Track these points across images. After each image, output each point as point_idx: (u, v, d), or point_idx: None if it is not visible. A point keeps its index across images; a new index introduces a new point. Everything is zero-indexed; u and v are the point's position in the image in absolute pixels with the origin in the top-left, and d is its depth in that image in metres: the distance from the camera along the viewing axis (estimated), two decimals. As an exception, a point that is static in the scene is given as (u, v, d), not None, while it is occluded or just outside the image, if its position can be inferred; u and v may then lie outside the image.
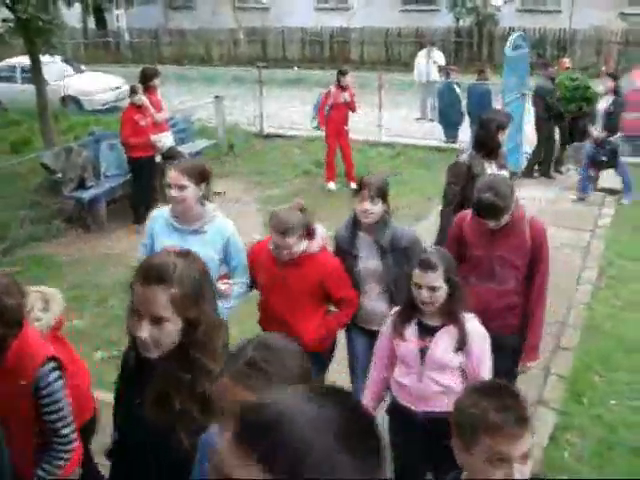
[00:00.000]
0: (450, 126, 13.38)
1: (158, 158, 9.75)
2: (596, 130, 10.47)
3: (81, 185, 9.66)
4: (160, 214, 4.29)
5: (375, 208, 4.21)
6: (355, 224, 4.34)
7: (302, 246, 4.09)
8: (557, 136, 12.15)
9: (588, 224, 9.38)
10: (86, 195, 9.52)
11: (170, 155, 9.93)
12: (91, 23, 29.89)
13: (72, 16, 25.72)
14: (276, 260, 4.16)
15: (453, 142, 13.11)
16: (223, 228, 4.22)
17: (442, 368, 3.54)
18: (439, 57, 16.61)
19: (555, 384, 5.73)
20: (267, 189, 11.10)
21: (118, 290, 7.74)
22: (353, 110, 11.03)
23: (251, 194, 11.04)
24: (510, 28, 21.59)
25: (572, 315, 6.88)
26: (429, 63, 16.18)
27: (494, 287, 4.28)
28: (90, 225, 9.60)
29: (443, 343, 3.52)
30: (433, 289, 3.45)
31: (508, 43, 11.08)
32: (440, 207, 5.66)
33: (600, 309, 7.07)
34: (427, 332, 3.56)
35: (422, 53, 16.70)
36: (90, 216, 9.62)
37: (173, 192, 4.04)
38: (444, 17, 24.66)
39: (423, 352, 3.55)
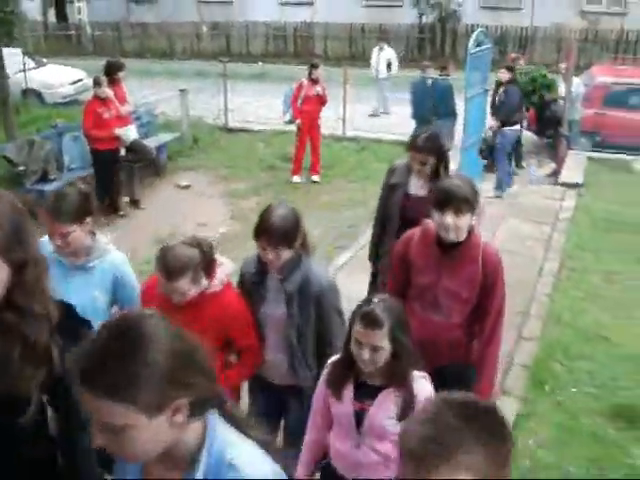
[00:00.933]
0: (423, 122, 13.44)
1: (122, 151, 9.70)
2: (493, 121, 10.66)
3: (44, 178, 9.56)
4: (45, 242, 3.47)
5: (281, 255, 3.48)
6: (264, 262, 3.61)
7: (199, 287, 3.46)
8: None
9: (549, 217, 9.54)
10: (48, 188, 9.39)
11: (133, 148, 9.91)
12: (52, 16, 29.50)
13: (33, 9, 25.43)
14: (170, 299, 3.46)
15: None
16: (114, 265, 3.69)
17: (382, 435, 3.04)
18: (390, 54, 16.79)
19: (518, 373, 5.83)
20: (232, 183, 11.09)
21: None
22: (324, 103, 11.15)
23: (216, 188, 11.02)
24: (472, 25, 21.80)
25: (534, 306, 7.00)
26: (379, 59, 16.47)
27: (439, 320, 3.74)
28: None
29: (384, 408, 3.02)
30: (375, 349, 2.93)
31: (471, 40, 11.19)
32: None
33: (561, 300, 7.21)
34: (367, 393, 3.05)
35: (375, 50, 16.92)
36: (53, 209, 9.51)
37: (58, 241, 3.49)
38: (407, 13, 24.80)
39: (361, 416, 3.05)
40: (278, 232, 3.41)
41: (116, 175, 9.68)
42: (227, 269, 3.68)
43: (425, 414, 1.58)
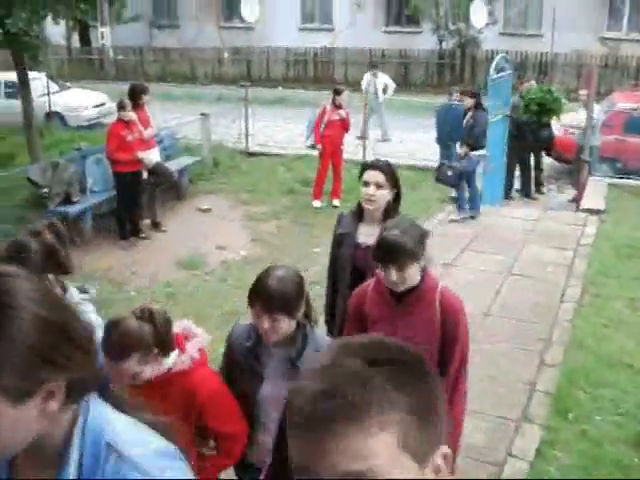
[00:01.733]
0: (446, 146, 13.44)
1: (145, 174, 9.78)
2: (461, 147, 10.55)
3: (67, 200, 9.66)
4: None
5: (279, 325, 3.02)
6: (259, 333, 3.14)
7: (156, 367, 2.96)
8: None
9: (571, 243, 9.49)
10: (72, 210, 9.52)
11: (156, 171, 10.00)
12: (76, 41, 29.92)
13: (57, 33, 25.78)
14: None
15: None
16: None
17: None
18: (386, 79, 17.00)
19: (541, 400, 5.78)
20: (253, 206, 11.14)
21: (103, 306, 7.74)
22: (347, 129, 11.23)
23: (237, 211, 11.07)
24: (492, 51, 21.85)
25: (556, 332, 6.95)
26: (377, 85, 16.56)
27: None
28: (75, 240, 9.56)
29: None
30: None
31: (492, 65, 11.24)
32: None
33: (583, 326, 7.15)
34: None
35: (366, 75, 17.11)
36: (75, 231, 9.58)
37: None
38: (427, 39, 24.91)
39: None
40: (276, 297, 2.95)
41: (138, 197, 9.76)
42: (200, 342, 3.16)
43: (319, 363, 1.15)
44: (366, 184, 4.07)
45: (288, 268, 3.17)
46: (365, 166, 4.22)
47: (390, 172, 4.12)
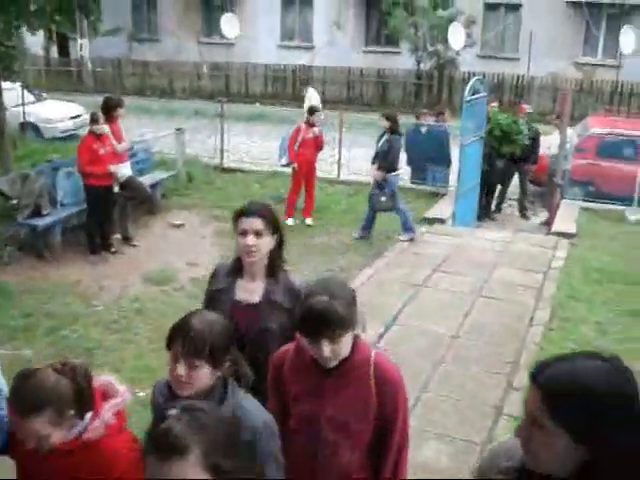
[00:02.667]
0: (418, 168, 13.50)
1: (116, 188, 9.70)
2: (375, 171, 10.54)
3: (36, 212, 9.52)
4: None
5: (197, 373, 2.63)
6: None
7: (67, 431, 2.53)
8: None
9: (542, 266, 9.53)
10: (41, 223, 9.39)
11: (128, 185, 9.92)
12: (55, 52, 29.79)
13: (36, 44, 25.66)
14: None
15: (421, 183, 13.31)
16: None
17: None
18: (313, 96, 17.30)
19: (506, 424, 5.76)
20: (226, 223, 11.00)
21: (70, 320, 7.65)
22: (320, 148, 11.25)
23: (210, 227, 11.01)
24: (470, 73, 22.02)
25: (524, 355, 6.95)
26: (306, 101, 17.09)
27: (324, 458, 2.94)
28: (44, 253, 9.46)
29: None
30: None
31: (467, 88, 11.32)
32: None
33: (552, 350, 7.13)
34: None
35: (311, 91, 17.79)
36: (44, 244, 9.48)
37: None
38: (406, 59, 25.08)
39: None
40: (201, 339, 2.58)
41: (109, 212, 9.67)
42: (119, 404, 2.68)
43: None
44: (243, 233, 3.47)
45: (220, 315, 2.81)
46: (239, 213, 3.55)
47: (269, 216, 3.53)
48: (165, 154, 14.08)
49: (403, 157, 11.94)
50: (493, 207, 13.04)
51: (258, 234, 3.46)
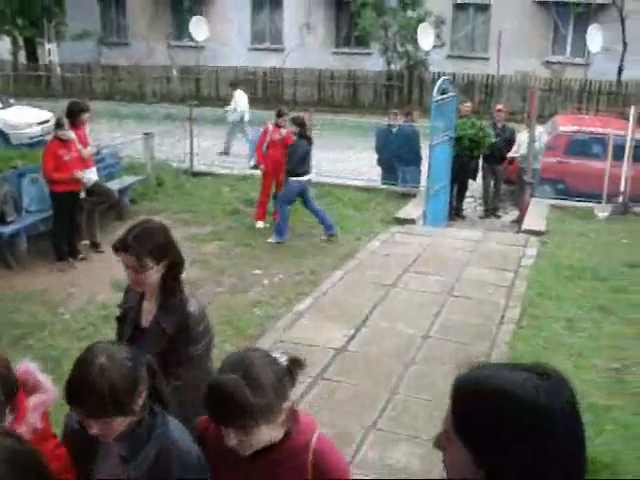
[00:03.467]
0: (388, 167, 13.47)
1: (83, 194, 9.57)
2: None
3: (1, 220, 9.37)
4: None
5: (112, 427, 2.26)
6: None
7: None
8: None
9: (512, 264, 9.55)
10: (6, 230, 9.23)
11: (95, 191, 9.80)
12: (23, 57, 29.46)
13: (3, 50, 25.38)
14: None
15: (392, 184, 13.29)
16: None
17: None
18: (241, 97, 17.72)
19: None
20: (195, 227, 10.96)
21: (37, 329, 7.53)
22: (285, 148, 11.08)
23: (179, 232, 10.79)
24: (440, 73, 22.12)
25: (494, 354, 6.94)
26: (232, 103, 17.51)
27: None
28: (9, 261, 9.30)
29: None
30: None
31: (435, 87, 11.34)
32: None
33: (522, 348, 7.15)
34: None
35: (240, 92, 17.85)
36: (9, 251, 9.32)
37: None
38: (376, 60, 25.13)
39: None
40: (96, 399, 2.16)
41: (76, 218, 9.54)
42: (44, 401, 2.34)
43: None
44: (125, 266, 3.26)
45: (117, 350, 2.31)
46: (113, 247, 3.32)
47: (145, 249, 3.20)
48: (134, 158, 13.95)
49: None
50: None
51: (135, 269, 3.20)
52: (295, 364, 2.34)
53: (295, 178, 10.21)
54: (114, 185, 10.94)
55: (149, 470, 2.28)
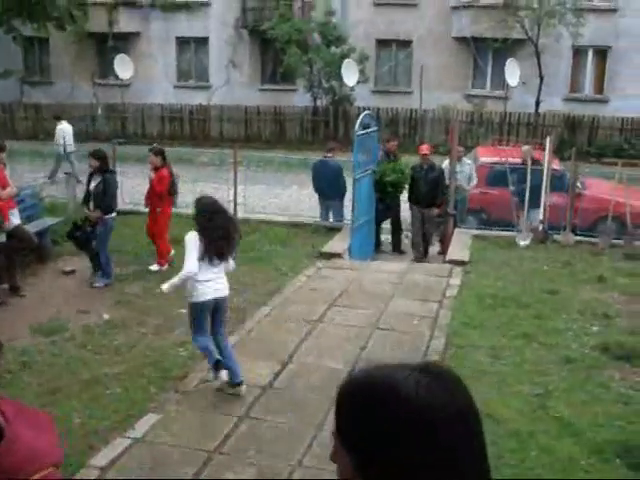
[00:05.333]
0: (324, 197, 13.51)
1: (2, 237, 9.33)
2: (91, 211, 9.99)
3: None
4: None
5: None
6: None
7: None
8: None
9: (437, 295, 9.68)
10: None
11: (15, 235, 9.56)
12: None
13: None
14: None
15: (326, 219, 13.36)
16: None
17: None
18: (67, 130, 18.49)
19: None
20: (119, 267, 10.72)
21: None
22: (157, 192, 10.54)
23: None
24: (365, 107, 22.48)
25: (420, 385, 6.98)
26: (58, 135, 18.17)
27: None
28: None
29: None
30: None
31: (357, 122, 11.50)
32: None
33: (447, 378, 7.21)
34: None
35: (64, 124, 18.60)
36: None
37: None
38: (302, 96, 25.42)
39: None
40: None
41: (-6, 261, 9.29)
42: None
43: None
44: None
45: None
46: None
47: None
48: (57, 199, 13.70)
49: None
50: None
51: None
52: None
53: (111, 215, 10.03)
54: (34, 227, 10.70)
55: None
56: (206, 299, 6.62)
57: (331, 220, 13.31)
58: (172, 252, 10.63)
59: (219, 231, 6.51)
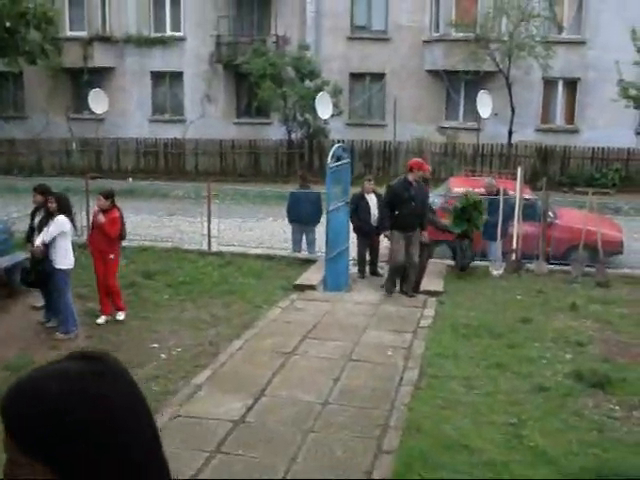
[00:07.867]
0: (301, 225, 13.51)
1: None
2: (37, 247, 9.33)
3: None
4: None
5: None
6: None
7: None
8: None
9: (410, 325, 9.66)
10: None
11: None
12: None
13: None
14: None
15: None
16: None
17: None
18: None
19: (376, 489, 5.69)
20: (91, 302, 10.62)
21: None
22: (108, 234, 9.73)
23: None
24: (340, 140, 22.64)
25: (394, 417, 6.94)
26: None
27: None
28: None
29: None
30: None
31: (329, 155, 11.55)
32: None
33: (421, 409, 7.19)
34: None
35: None
36: None
37: None
38: (277, 129, 25.56)
39: None
40: None
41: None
42: None
43: None
44: None
45: None
46: None
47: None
48: (29, 234, 13.52)
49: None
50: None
51: None
52: None
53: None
54: (4, 262, 10.60)
55: None
56: None
57: (304, 247, 13.32)
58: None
59: None
